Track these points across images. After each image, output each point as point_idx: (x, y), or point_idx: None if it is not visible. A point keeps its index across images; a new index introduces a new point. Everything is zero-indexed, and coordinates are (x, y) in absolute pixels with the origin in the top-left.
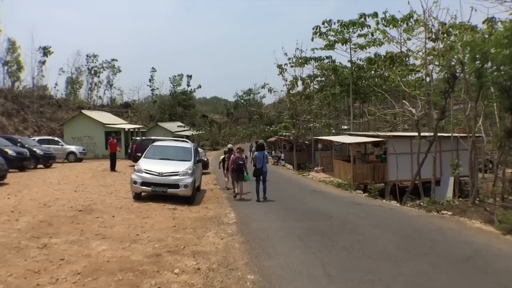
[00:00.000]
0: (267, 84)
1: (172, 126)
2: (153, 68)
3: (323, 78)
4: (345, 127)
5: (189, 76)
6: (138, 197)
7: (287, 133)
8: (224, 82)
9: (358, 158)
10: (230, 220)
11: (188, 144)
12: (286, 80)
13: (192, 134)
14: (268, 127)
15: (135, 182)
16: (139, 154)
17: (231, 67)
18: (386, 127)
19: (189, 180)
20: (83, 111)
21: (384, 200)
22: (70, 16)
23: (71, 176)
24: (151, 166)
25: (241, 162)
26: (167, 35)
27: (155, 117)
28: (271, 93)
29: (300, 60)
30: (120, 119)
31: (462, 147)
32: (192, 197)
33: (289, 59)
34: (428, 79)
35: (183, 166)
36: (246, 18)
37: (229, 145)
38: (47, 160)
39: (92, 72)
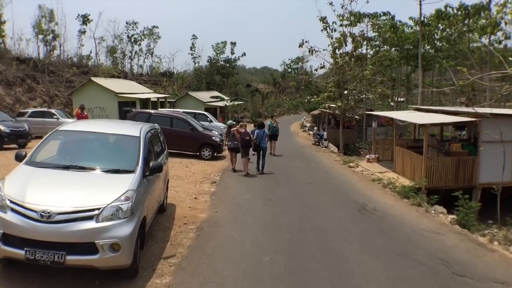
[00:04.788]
0: (306, 41)
1: (205, 96)
2: (194, 35)
3: (377, 42)
4: (402, 99)
5: (233, 43)
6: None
7: (332, 105)
8: (274, 51)
9: (433, 147)
10: None
11: (135, 131)
12: (332, 37)
13: (226, 105)
14: (313, 97)
15: None
16: None
17: (282, 35)
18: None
19: (124, 230)
20: (93, 78)
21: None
22: None
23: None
24: (31, 191)
25: (248, 138)
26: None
27: (192, 86)
28: (312, 54)
29: (351, 17)
30: (145, 88)
31: None
32: (131, 269)
33: (338, 15)
34: None
35: (113, 190)
36: None
37: (229, 121)
38: (15, 139)
39: (132, 40)
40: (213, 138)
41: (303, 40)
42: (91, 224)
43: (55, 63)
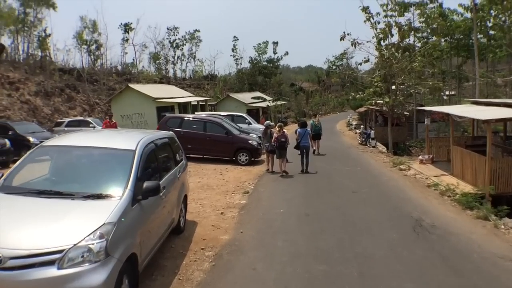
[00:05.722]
0: (348, 34)
1: (246, 97)
2: (235, 36)
3: (424, 34)
4: (452, 92)
5: (275, 43)
6: None
7: (379, 101)
8: (318, 49)
9: (497, 146)
10: None
11: (131, 143)
12: (376, 28)
13: (268, 105)
14: (358, 93)
15: None
16: None
17: (325, 31)
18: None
19: (95, 279)
20: (130, 84)
21: None
22: None
23: None
24: None
25: (284, 140)
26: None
27: (234, 87)
28: (355, 47)
29: (396, 6)
30: (185, 92)
31: None
32: None
33: (381, 5)
34: None
35: (85, 224)
36: None
37: (266, 122)
38: None
39: (174, 45)
40: (249, 141)
41: (344, 32)
42: (51, 272)
43: (99, 72)
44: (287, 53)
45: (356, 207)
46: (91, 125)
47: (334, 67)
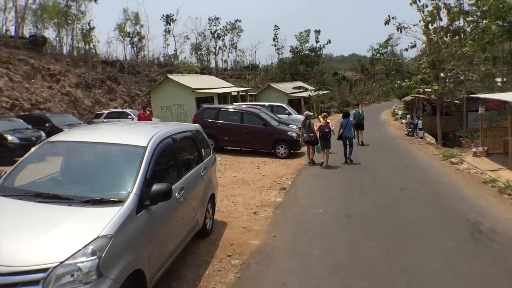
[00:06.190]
0: (393, 18)
1: (288, 87)
2: (276, 25)
3: (474, 17)
4: (505, 79)
5: (317, 31)
6: None
7: (427, 90)
8: (362, 37)
9: None
10: None
11: (143, 138)
12: (423, 11)
13: (310, 95)
14: (404, 81)
15: None
16: None
17: (368, 17)
18: None
19: None
20: (169, 75)
21: None
22: None
23: None
24: None
25: (327, 130)
26: None
27: (276, 77)
28: (400, 32)
29: None
30: (225, 83)
31: None
32: None
33: None
34: None
35: (77, 237)
36: None
37: (306, 112)
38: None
39: (215, 36)
40: (288, 133)
41: (389, 16)
42: None
43: (141, 63)
44: (329, 42)
45: (404, 208)
46: (129, 116)
47: (378, 55)
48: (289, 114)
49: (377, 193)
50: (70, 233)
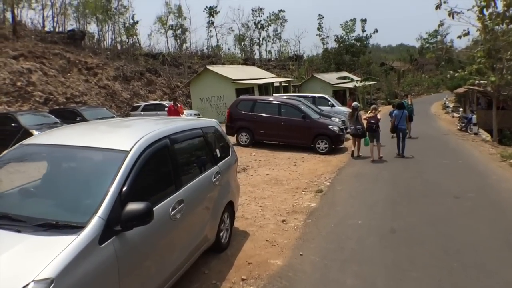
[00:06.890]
0: (444, 2)
1: (332, 77)
2: (320, 15)
3: None
4: None
5: (363, 20)
6: None
7: (482, 81)
8: (410, 27)
9: None
10: None
11: (129, 141)
12: None
13: (356, 86)
14: (458, 71)
15: None
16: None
17: (418, 6)
18: None
19: None
20: (208, 66)
21: None
22: None
23: None
24: None
25: (373, 121)
26: None
27: (320, 67)
28: (452, 17)
29: None
30: (267, 73)
31: None
32: None
33: None
34: None
35: (11, 280)
36: None
37: (354, 103)
38: None
39: (259, 26)
40: (329, 127)
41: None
42: None
43: (183, 55)
44: (376, 31)
45: (461, 223)
46: (166, 108)
47: (427, 45)
48: (332, 106)
49: (427, 201)
50: (6, 273)
